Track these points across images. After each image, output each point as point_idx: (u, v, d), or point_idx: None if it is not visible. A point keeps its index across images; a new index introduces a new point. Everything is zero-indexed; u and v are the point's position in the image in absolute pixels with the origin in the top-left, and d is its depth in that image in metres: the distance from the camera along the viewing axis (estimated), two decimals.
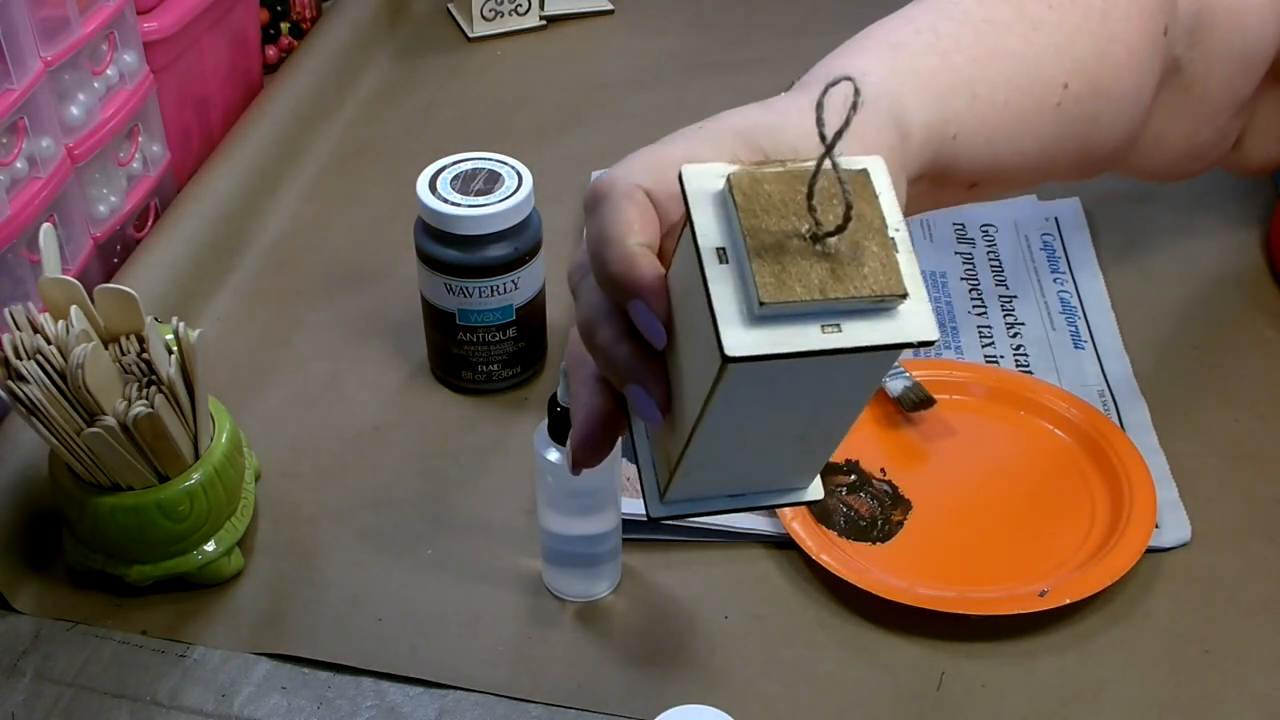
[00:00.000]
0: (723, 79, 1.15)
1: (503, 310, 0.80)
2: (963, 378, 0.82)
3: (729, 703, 0.61)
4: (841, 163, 0.42)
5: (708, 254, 0.43)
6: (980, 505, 0.76)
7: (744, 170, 0.43)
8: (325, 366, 0.86)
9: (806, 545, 0.72)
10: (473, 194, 0.78)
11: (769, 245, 0.42)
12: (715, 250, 0.43)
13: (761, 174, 0.43)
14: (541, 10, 1.22)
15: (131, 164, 0.91)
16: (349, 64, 1.14)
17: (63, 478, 0.69)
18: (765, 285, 0.41)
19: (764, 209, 0.43)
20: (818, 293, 0.41)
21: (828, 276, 0.42)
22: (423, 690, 0.68)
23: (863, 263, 0.42)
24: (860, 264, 0.42)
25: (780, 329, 0.42)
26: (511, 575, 0.73)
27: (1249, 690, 0.67)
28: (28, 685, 0.68)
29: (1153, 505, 0.73)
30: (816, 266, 0.42)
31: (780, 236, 0.42)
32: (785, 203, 0.43)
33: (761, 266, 0.42)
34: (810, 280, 0.42)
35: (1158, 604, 0.71)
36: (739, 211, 0.43)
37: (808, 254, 0.42)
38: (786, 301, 0.41)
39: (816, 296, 0.41)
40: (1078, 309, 0.89)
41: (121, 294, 0.68)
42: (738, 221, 0.43)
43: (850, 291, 0.42)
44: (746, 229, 0.42)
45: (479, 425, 0.82)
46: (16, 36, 0.76)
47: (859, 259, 0.42)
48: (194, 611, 0.71)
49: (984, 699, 0.67)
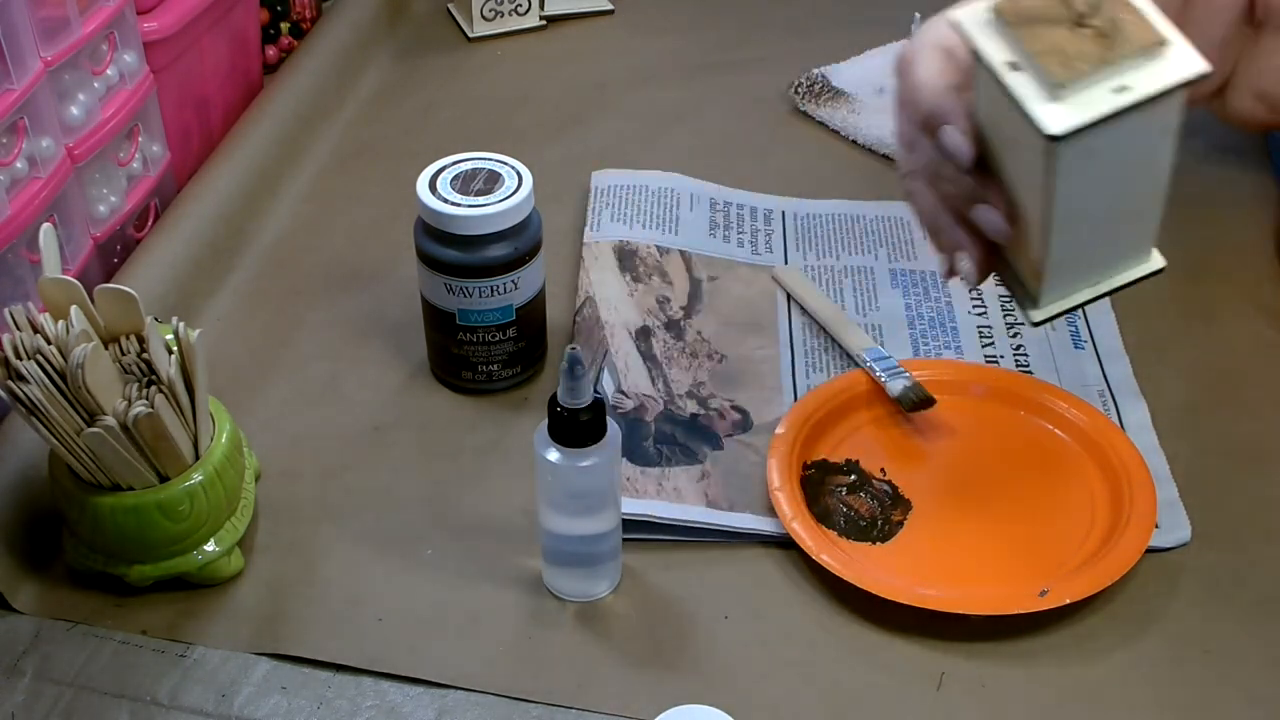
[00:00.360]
0: (723, 79, 1.15)
1: (503, 310, 0.80)
2: (963, 377, 0.82)
3: (729, 703, 0.61)
4: None
5: (1001, 68, 0.54)
6: (980, 505, 0.76)
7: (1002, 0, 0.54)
8: (325, 366, 0.86)
9: (806, 545, 0.72)
10: (473, 194, 0.78)
11: (1045, 43, 0.53)
12: (1006, 64, 0.54)
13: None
14: (541, 10, 1.22)
15: (131, 164, 0.91)
16: (349, 64, 1.14)
17: (63, 478, 0.69)
18: (1055, 70, 0.52)
19: (1030, 19, 0.54)
20: (1098, 61, 0.52)
21: (1101, 48, 0.53)
22: (423, 690, 0.68)
23: (1122, 29, 0.53)
24: (1121, 30, 0.53)
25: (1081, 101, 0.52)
26: (511, 575, 0.73)
27: (1249, 691, 0.67)
28: (28, 685, 0.68)
29: (1153, 505, 0.73)
30: (1088, 44, 0.53)
31: (1051, 34, 0.53)
32: (1045, 8, 0.54)
33: (1047, 59, 0.52)
34: (1089, 55, 0.52)
35: (1158, 604, 0.71)
36: (1011, 28, 0.54)
37: (1078, 39, 0.53)
38: (1077, 76, 0.52)
39: (1098, 64, 0.52)
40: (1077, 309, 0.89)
41: (121, 294, 0.68)
42: (1014, 35, 0.53)
43: (1122, 52, 0.52)
44: (1023, 37, 0.53)
45: (479, 425, 0.82)
46: (16, 36, 0.76)
47: (1119, 28, 0.53)
48: (194, 611, 0.71)
49: (984, 699, 0.67)
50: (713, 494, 0.76)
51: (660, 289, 0.89)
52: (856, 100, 1.08)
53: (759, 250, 0.95)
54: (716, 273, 0.92)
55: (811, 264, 0.93)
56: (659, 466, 0.77)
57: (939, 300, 0.90)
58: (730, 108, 1.11)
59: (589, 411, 0.65)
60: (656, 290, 0.89)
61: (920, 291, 0.91)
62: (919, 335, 0.87)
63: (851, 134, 1.06)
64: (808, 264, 0.93)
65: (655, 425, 0.79)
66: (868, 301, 0.90)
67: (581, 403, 0.65)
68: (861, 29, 1.17)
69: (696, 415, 0.81)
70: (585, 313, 0.87)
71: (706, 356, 0.85)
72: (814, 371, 0.85)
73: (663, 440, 0.78)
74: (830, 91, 1.09)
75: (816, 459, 0.78)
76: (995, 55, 0.54)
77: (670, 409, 0.81)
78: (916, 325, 0.88)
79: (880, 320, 0.89)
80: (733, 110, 1.11)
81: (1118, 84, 0.52)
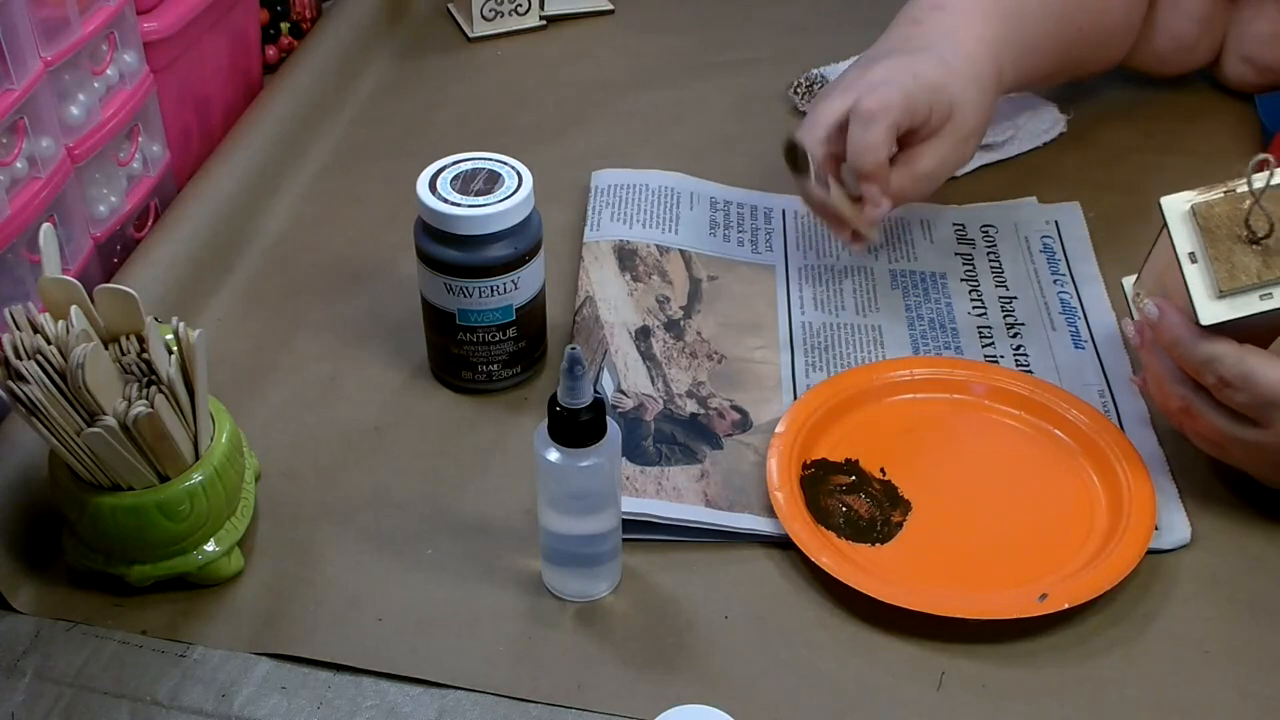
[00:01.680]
0: (723, 79, 1.15)
1: (503, 310, 0.80)
2: (963, 377, 0.82)
3: (729, 703, 0.61)
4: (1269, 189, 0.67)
5: (1184, 257, 0.69)
6: (980, 506, 0.76)
7: (1201, 200, 0.69)
8: (325, 366, 0.86)
9: (806, 547, 0.71)
10: (473, 194, 0.78)
11: (1222, 250, 0.68)
12: (1188, 254, 0.69)
13: (1213, 200, 0.69)
14: (541, 10, 1.22)
15: (131, 164, 0.91)
16: (349, 64, 1.14)
17: (63, 478, 0.69)
18: (1221, 277, 0.68)
19: (1216, 225, 0.68)
20: (1255, 277, 0.67)
21: (1261, 265, 0.67)
22: (423, 690, 0.68)
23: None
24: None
25: (1234, 301, 0.68)
26: (511, 575, 0.73)
27: (1248, 692, 0.67)
28: (28, 685, 0.68)
29: (1152, 507, 0.73)
30: (1253, 260, 0.68)
31: (1229, 243, 0.68)
32: (1230, 219, 0.68)
33: (1218, 265, 0.68)
34: (1250, 270, 0.67)
35: (1158, 605, 0.71)
36: (1200, 230, 0.69)
37: (1247, 253, 0.68)
38: (1235, 287, 0.67)
39: (1255, 280, 0.67)
40: (1078, 309, 0.89)
41: (121, 294, 0.68)
42: (1199, 236, 0.69)
43: (1276, 273, 0.67)
44: (1207, 240, 0.68)
45: (479, 425, 0.82)
46: (16, 36, 0.76)
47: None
48: (194, 611, 0.71)
49: (984, 699, 0.67)
50: (712, 494, 0.76)
51: (660, 288, 0.89)
52: None
53: (759, 249, 0.95)
54: (716, 272, 0.92)
55: (812, 263, 0.93)
56: (658, 466, 0.77)
57: (939, 301, 0.90)
58: (730, 108, 1.11)
59: (589, 411, 0.65)
60: (656, 290, 0.89)
61: (920, 292, 0.91)
62: (919, 335, 0.87)
63: None
64: (808, 263, 0.93)
65: (655, 425, 0.79)
66: (868, 302, 0.90)
67: (581, 403, 0.65)
68: (861, 29, 1.16)
69: (696, 415, 0.81)
70: (585, 312, 0.87)
71: (706, 356, 0.85)
72: (814, 371, 0.85)
73: (662, 440, 0.78)
74: None
75: (816, 458, 0.78)
76: (1183, 244, 0.69)
77: (670, 408, 0.81)
78: (916, 325, 0.88)
79: (880, 320, 0.89)
80: (733, 110, 1.11)
81: (1266, 292, 0.68)
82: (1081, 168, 1.03)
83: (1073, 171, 1.02)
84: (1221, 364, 0.68)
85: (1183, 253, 0.69)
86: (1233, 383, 0.68)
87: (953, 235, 0.96)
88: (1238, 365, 0.68)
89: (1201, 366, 0.69)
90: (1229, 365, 0.68)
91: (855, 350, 0.86)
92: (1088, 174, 1.02)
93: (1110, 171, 1.02)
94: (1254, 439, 0.70)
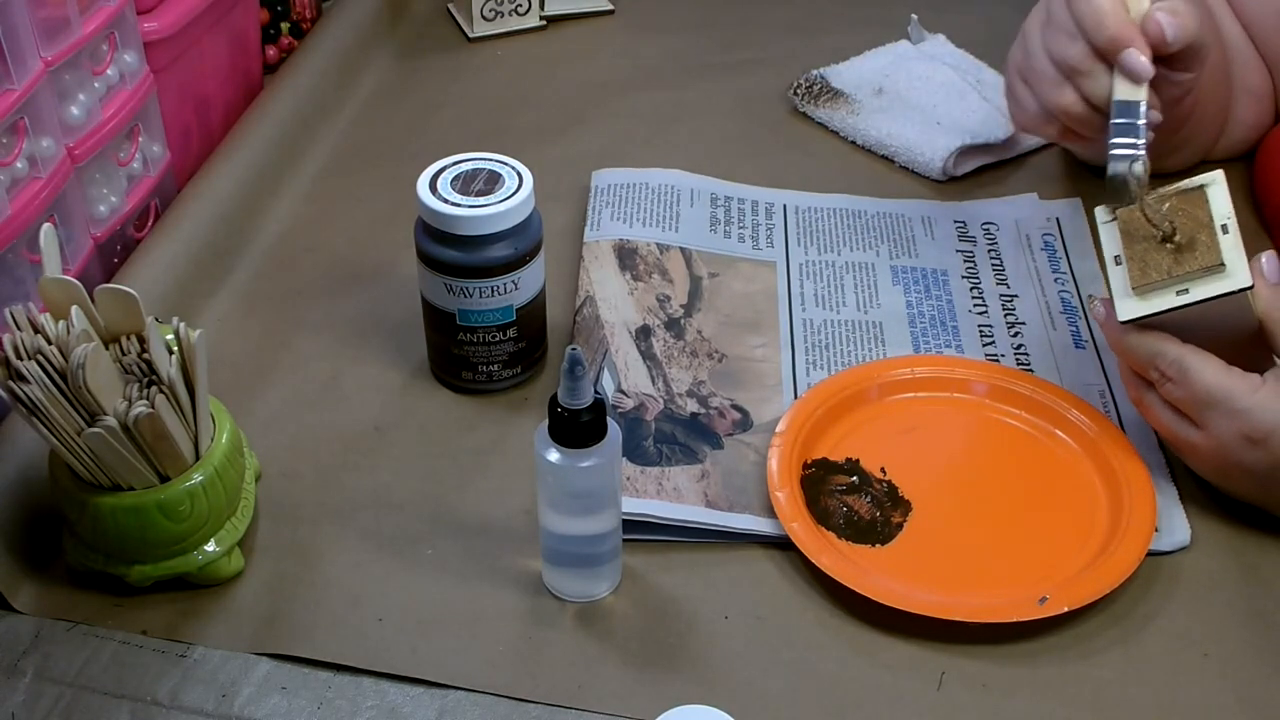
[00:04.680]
0: (723, 79, 1.15)
1: (503, 310, 0.80)
2: (965, 375, 0.82)
3: (729, 703, 0.61)
4: (1184, 184, 0.72)
5: (1110, 260, 0.73)
6: (980, 506, 0.76)
7: (1124, 209, 0.73)
8: (325, 366, 0.86)
9: (806, 548, 0.71)
10: (473, 194, 0.78)
11: (1137, 251, 0.72)
12: (1113, 257, 0.73)
13: (1135, 208, 0.72)
14: (541, 10, 1.22)
15: (131, 164, 0.91)
16: (349, 64, 1.14)
17: (63, 478, 0.69)
18: (1134, 275, 0.71)
19: (1135, 229, 0.72)
20: (1166, 274, 0.70)
21: (1172, 263, 0.70)
22: (423, 690, 0.68)
23: (1195, 249, 0.70)
24: (1194, 250, 0.70)
25: (1150, 299, 0.71)
26: (511, 575, 0.73)
27: (1247, 695, 0.67)
28: (28, 685, 0.68)
29: (1152, 508, 0.73)
30: (1165, 258, 0.70)
31: (1144, 244, 0.72)
32: (1144, 225, 0.72)
33: (1132, 265, 0.72)
34: (1161, 267, 0.70)
35: (1157, 606, 0.71)
36: (1121, 234, 0.73)
37: (1160, 251, 0.71)
38: (1146, 283, 0.71)
39: (1165, 276, 0.70)
40: (1078, 308, 0.89)
41: (122, 294, 0.68)
42: (1120, 239, 0.73)
43: (1186, 268, 0.70)
44: (1125, 242, 0.72)
45: (479, 425, 0.82)
46: (17, 36, 0.76)
47: (1193, 247, 0.70)
48: (194, 611, 0.71)
49: (984, 699, 0.67)
50: (712, 494, 0.76)
51: (660, 287, 0.89)
52: (856, 101, 1.08)
53: (760, 245, 0.95)
54: (717, 269, 0.92)
55: (813, 259, 0.93)
56: (659, 466, 0.77)
57: (940, 298, 0.90)
58: (730, 108, 1.11)
59: (589, 412, 0.65)
60: (657, 289, 0.89)
61: (921, 289, 0.91)
62: (920, 333, 0.87)
63: (851, 135, 1.06)
64: (809, 259, 0.93)
65: (655, 424, 0.79)
66: (869, 298, 0.90)
67: (582, 403, 0.64)
68: (861, 30, 1.17)
69: (696, 414, 0.81)
70: (585, 312, 0.87)
71: (707, 355, 0.85)
72: (814, 369, 0.85)
73: (663, 439, 0.78)
74: (829, 93, 1.09)
75: (817, 458, 0.78)
76: (1108, 248, 0.73)
77: (670, 408, 0.81)
78: (917, 323, 0.88)
79: (881, 317, 0.89)
80: (733, 111, 1.11)
81: (1181, 288, 0.70)
82: (1082, 167, 1.02)
83: (1073, 171, 1.02)
84: (1162, 359, 0.71)
85: (1109, 255, 0.73)
86: (1173, 378, 0.70)
87: (954, 232, 0.96)
88: (1177, 361, 0.70)
89: (1144, 362, 0.72)
90: (1168, 360, 0.70)
91: (856, 348, 0.86)
92: (1088, 173, 1.02)
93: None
94: (1194, 440, 0.71)
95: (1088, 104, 0.79)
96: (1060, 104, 0.79)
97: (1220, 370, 0.70)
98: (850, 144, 1.06)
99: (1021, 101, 0.84)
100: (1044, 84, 0.80)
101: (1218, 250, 0.69)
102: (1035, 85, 0.81)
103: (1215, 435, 0.70)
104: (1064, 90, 0.79)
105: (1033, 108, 0.83)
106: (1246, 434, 0.69)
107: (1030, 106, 0.83)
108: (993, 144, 1.02)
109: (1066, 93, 0.79)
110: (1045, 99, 0.81)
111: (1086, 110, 0.79)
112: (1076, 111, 0.79)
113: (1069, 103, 0.79)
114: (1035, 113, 0.83)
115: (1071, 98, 0.79)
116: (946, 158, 1.00)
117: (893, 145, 1.03)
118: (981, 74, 1.10)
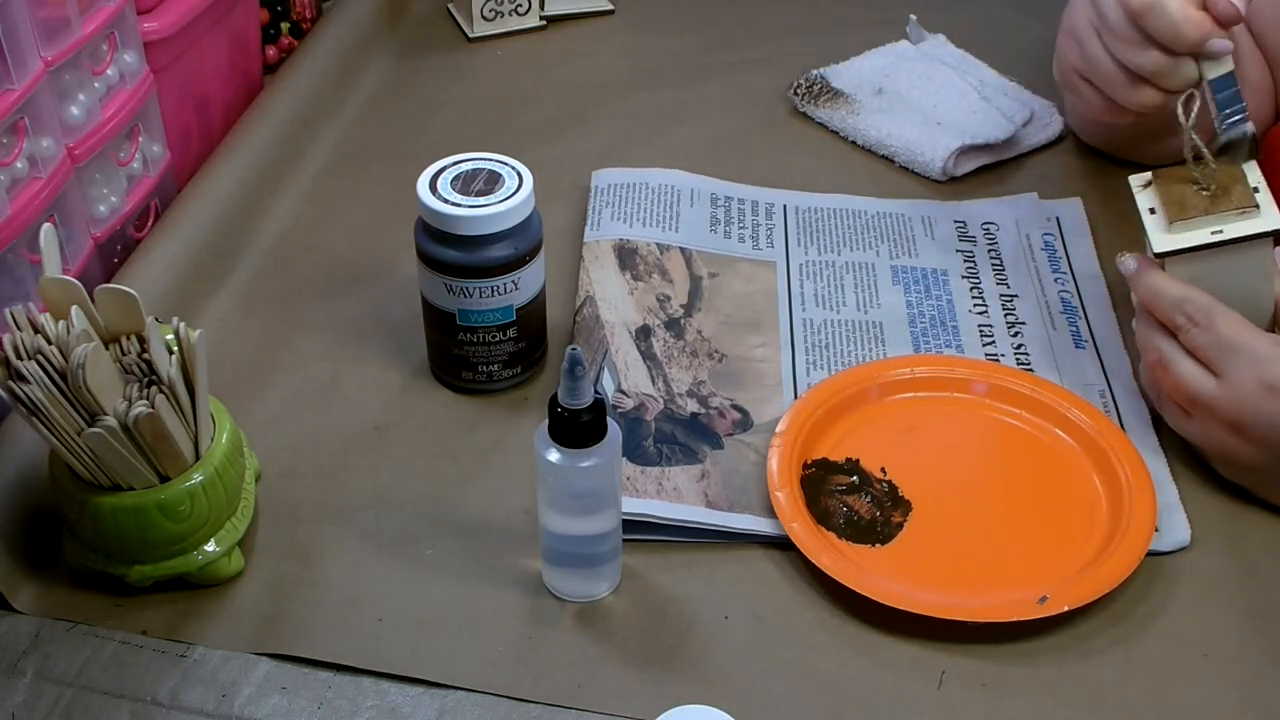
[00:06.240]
0: (723, 79, 1.15)
1: (503, 310, 0.80)
2: (965, 375, 0.82)
3: (729, 703, 0.61)
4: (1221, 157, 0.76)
5: (1144, 212, 0.76)
6: (980, 506, 0.76)
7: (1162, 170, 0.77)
8: (325, 366, 0.86)
9: (806, 547, 0.71)
10: (473, 194, 0.78)
11: (1174, 195, 0.75)
12: (1148, 209, 0.76)
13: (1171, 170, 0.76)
14: (541, 10, 1.22)
15: (131, 164, 0.91)
16: (349, 64, 1.14)
17: (63, 478, 0.69)
18: (1171, 212, 0.75)
19: (1171, 181, 0.76)
20: (1203, 211, 0.74)
21: (1209, 203, 0.74)
22: (423, 690, 0.68)
23: (1230, 195, 0.74)
24: (1229, 195, 0.74)
25: (1185, 233, 0.74)
26: (511, 575, 0.73)
27: (1247, 695, 0.67)
28: (28, 685, 0.68)
29: (1152, 508, 0.73)
30: (1201, 200, 0.75)
31: (1181, 188, 0.75)
32: (1180, 174, 0.76)
33: (1169, 206, 0.75)
34: (1198, 206, 0.74)
35: (1157, 606, 0.71)
36: (1157, 189, 0.76)
37: (1197, 195, 0.75)
38: (1183, 217, 0.74)
39: (1201, 213, 0.74)
40: (1079, 308, 0.89)
41: (122, 294, 0.68)
42: (1156, 193, 0.76)
43: (1221, 208, 0.74)
44: (1160, 191, 0.76)
45: (479, 425, 0.82)
46: (17, 36, 0.76)
47: (1228, 193, 0.74)
48: (194, 611, 0.71)
49: (984, 699, 0.67)
50: (713, 494, 0.76)
51: (660, 287, 0.89)
52: (856, 101, 1.08)
53: (760, 245, 0.95)
54: (717, 269, 0.92)
55: (813, 259, 0.93)
56: (659, 466, 0.77)
57: (940, 298, 0.90)
58: (730, 108, 1.11)
59: (589, 412, 0.65)
60: (657, 289, 0.89)
61: (921, 289, 0.91)
62: (920, 333, 0.87)
63: (851, 135, 1.06)
64: (809, 259, 0.93)
65: (655, 424, 0.79)
66: (869, 298, 0.90)
67: (582, 403, 0.64)
68: (861, 30, 1.17)
69: (697, 414, 0.81)
70: (585, 312, 0.87)
71: (707, 355, 0.85)
72: (814, 369, 0.85)
73: (663, 440, 0.78)
74: (829, 93, 1.09)
75: (817, 458, 0.78)
76: (1143, 204, 0.76)
77: (670, 408, 0.81)
78: (917, 323, 0.88)
79: (881, 317, 0.89)
80: (733, 111, 1.11)
81: (1216, 228, 0.74)
82: (1081, 167, 1.02)
83: (1073, 171, 1.02)
84: (1190, 304, 0.73)
85: (1144, 209, 0.76)
86: (1199, 322, 0.73)
87: (954, 232, 0.96)
88: (1205, 307, 0.73)
89: (1172, 306, 0.74)
90: (1196, 305, 0.73)
91: (856, 348, 0.86)
92: (1088, 173, 1.02)
93: (1111, 171, 1.02)
94: (1212, 394, 0.72)
95: (1169, 93, 0.80)
96: (1140, 101, 0.81)
97: (1245, 323, 0.72)
98: (850, 144, 1.06)
99: (1087, 99, 0.85)
100: (1114, 85, 0.81)
101: (1250, 195, 0.74)
102: (1105, 87, 0.82)
103: (1234, 384, 0.71)
104: (1141, 90, 0.80)
105: (1100, 104, 0.84)
106: (1269, 382, 0.70)
107: (1098, 103, 0.84)
108: (993, 144, 1.02)
109: (1145, 91, 0.80)
110: (1120, 98, 0.81)
111: (1167, 98, 0.80)
112: (1158, 103, 0.80)
113: (1149, 99, 0.80)
114: (1103, 107, 0.84)
115: (1151, 94, 0.80)
116: (946, 158, 1.00)
117: (893, 145, 1.03)
118: (982, 74, 1.10)
